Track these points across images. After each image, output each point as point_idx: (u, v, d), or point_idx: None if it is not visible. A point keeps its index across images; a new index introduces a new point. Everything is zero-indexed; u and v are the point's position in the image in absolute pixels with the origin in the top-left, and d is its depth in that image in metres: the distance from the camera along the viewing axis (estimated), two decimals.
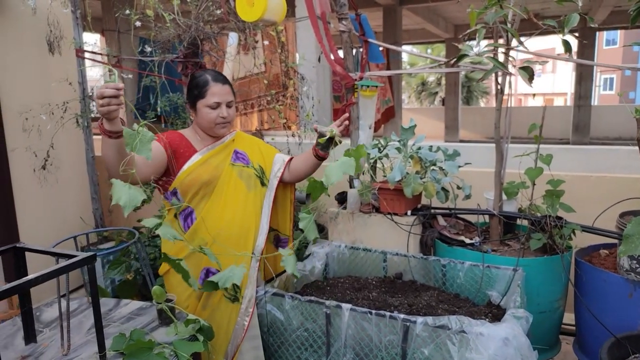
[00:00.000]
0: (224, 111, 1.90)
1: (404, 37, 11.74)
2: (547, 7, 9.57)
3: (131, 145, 1.35)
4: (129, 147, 1.35)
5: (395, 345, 1.71)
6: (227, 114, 1.91)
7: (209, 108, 1.88)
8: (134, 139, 1.35)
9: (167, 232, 1.51)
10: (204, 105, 1.89)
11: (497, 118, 2.42)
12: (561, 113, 13.14)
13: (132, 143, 1.35)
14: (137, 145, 1.35)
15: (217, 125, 1.91)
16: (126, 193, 1.33)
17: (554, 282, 2.30)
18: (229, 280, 1.62)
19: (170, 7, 2.94)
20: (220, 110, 1.90)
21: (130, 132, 1.36)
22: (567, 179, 2.51)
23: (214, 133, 1.95)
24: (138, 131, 1.36)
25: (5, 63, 3.21)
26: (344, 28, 2.66)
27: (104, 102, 1.43)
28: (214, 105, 1.88)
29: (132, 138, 1.36)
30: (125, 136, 1.36)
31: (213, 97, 1.88)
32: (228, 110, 1.92)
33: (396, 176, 2.41)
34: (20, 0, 3.19)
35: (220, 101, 1.89)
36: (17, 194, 3.32)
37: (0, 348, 1.48)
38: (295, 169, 2.09)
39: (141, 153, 1.35)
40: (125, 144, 1.36)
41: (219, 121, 1.91)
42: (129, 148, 1.35)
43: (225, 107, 1.91)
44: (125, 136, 1.36)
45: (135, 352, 1.38)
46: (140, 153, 1.35)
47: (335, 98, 7.04)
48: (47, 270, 1.24)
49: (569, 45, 2.00)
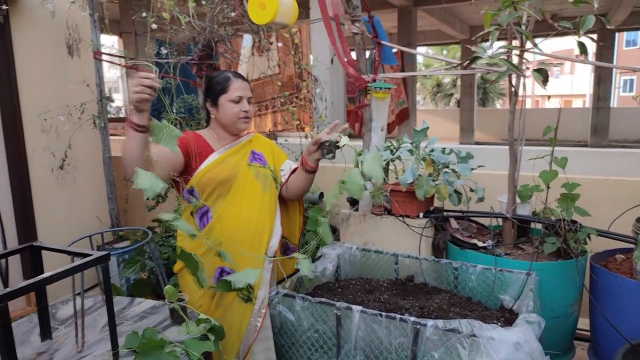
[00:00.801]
0: (246, 105, 1.96)
1: (419, 38, 11.69)
2: (565, 7, 9.44)
3: (158, 137, 1.42)
4: (155, 139, 1.42)
5: (405, 347, 1.71)
6: (249, 108, 1.97)
7: (232, 102, 1.94)
8: (162, 131, 1.42)
9: (184, 226, 1.54)
10: (227, 100, 1.94)
11: (510, 120, 2.39)
12: (579, 115, 12.96)
13: (160, 135, 1.42)
14: (164, 137, 1.42)
15: (240, 119, 1.96)
16: (148, 179, 1.39)
17: (568, 286, 2.27)
18: (242, 281, 1.63)
19: (185, 10, 2.98)
20: (243, 105, 1.95)
21: (159, 125, 1.43)
22: (583, 182, 2.47)
23: (235, 128, 1.98)
24: (166, 125, 1.43)
25: (25, 65, 3.28)
26: (357, 30, 2.66)
27: (138, 89, 1.49)
28: (237, 99, 1.94)
29: (160, 130, 1.42)
30: (154, 128, 1.42)
31: (236, 91, 1.94)
32: (249, 106, 1.98)
33: (408, 178, 2.40)
34: (39, 3, 3.25)
35: (243, 95, 1.95)
36: (35, 194, 3.39)
37: (17, 344, 1.51)
38: (291, 186, 2.09)
39: (167, 146, 1.42)
40: (152, 134, 1.43)
41: (241, 115, 1.95)
42: (156, 139, 1.42)
43: (246, 101, 1.97)
44: (153, 128, 1.43)
45: (147, 350, 1.40)
46: (166, 145, 1.42)
47: (350, 99, 7.04)
48: (62, 268, 1.27)
49: (585, 47, 1.98)
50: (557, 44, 20.41)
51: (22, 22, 3.26)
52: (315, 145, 1.93)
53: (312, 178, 2.04)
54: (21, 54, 3.25)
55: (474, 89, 13.33)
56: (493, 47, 2.10)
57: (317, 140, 1.91)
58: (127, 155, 1.64)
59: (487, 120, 14.80)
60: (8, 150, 3.21)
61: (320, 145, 1.92)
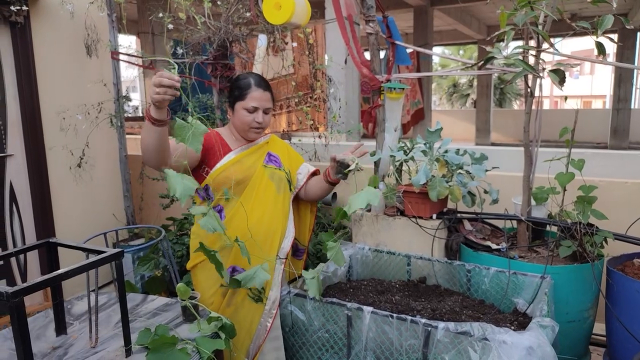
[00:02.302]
0: (260, 117, 1.93)
1: (435, 38, 11.61)
2: (585, 7, 9.28)
3: (182, 137, 1.38)
4: (179, 139, 1.39)
5: (416, 349, 1.70)
6: (263, 119, 1.94)
7: (246, 111, 1.92)
8: (187, 131, 1.38)
9: (208, 223, 1.54)
10: (241, 107, 1.93)
11: (526, 121, 2.36)
12: (599, 116, 12.73)
13: (184, 135, 1.38)
14: (189, 137, 1.38)
15: (251, 129, 1.95)
16: (180, 184, 1.37)
17: (584, 291, 2.24)
18: (251, 282, 1.65)
19: (201, 10, 3.00)
20: (257, 115, 1.93)
21: (183, 124, 1.39)
22: (600, 184, 2.43)
23: (246, 136, 1.98)
24: (191, 124, 1.39)
25: (44, 65, 3.34)
26: (371, 30, 2.66)
27: (160, 91, 1.49)
28: (251, 109, 1.92)
29: (184, 130, 1.38)
30: (177, 128, 1.38)
31: (252, 101, 1.91)
32: (264, 117, 1.95)
33: (421, 179, 2.39)
34: (59, 4, 3.32)
35: (258, 106, 1.92)
36: (53, 191, 3.45)
37: (33, 338, 1.55)
38: (310, 192, 2.12)
39: (192, 145, 1.39)
40: (176, 136, 1.39)
41: (253, 125, 1.93)
42: (179, 139, 1.39)
43: (261, 112, 1.94)
44: (176, 128, 1.38)
45: (159, 347, 1.42)
46: (191, 145, 1.39)
47: (365, 99, 7.02)
48: (77, 265, 1.30)
49: (603, 48, 1.94)
50: (577, 44, 20.08)
51: (42, 23, 3.32)
52: (333, 162, 1.96)
53: (332, 188, 2.08)
54: (41, 54, 3.32)
55: (490, 89, 13.19)
56: (509, 47, 2.07)
57: (333, 157, 1.95)
58: (144, 145, 1.66)
59: (504, 121, 14.62)
60: (27, 148, 3.28)
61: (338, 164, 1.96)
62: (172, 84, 1.49)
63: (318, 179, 2.10)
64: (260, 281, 1.67)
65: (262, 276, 1.67)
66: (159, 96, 1.49)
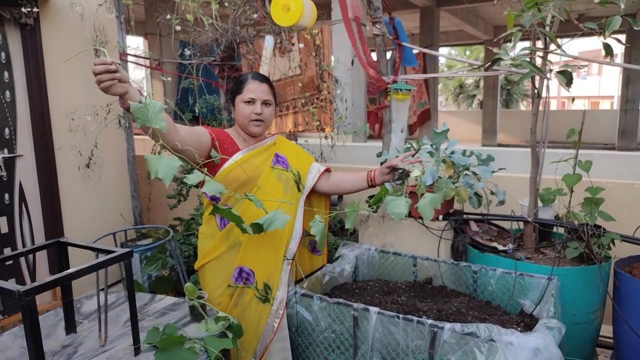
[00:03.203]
0: (258, 108, 1.95)
1: (441, 38, 11.58)
2: (593, 7, 9.23)
3: (143, 119, 1.24)
4: (139, 123, 1.26)
5: (422, 350, 1.70)
6: (262, 111, 1.95)
7: (245, 103, 1.95)
8: (146, 112, 1.25)
9: (213, 187, 1.43)
10: (240, 101, 1.96)
11: (533, 122, 2.36)
12: (607, 117, 12.63)
13: (145, 117, 1.24)
14: (151, 118, 1.24)
15: (251, 122, 1.96)
16: (161, 164, 1.23)
17: (591, 293, 2.23)
18: (273, 225, 1.60)
19: (209, 12, 3.02)
20: (255, 107, 1.95)
21: (138, 106, 1.25)
22: (607, 186, 2.42)
23: (248, 130, 1.99)
24: (146, 104, 1.26)
25: (54, 66, 3.38)
26: (378, 32, 2.66)
27: (96, 80, 1.40)
28: (249, 100, 1.94)
29: (141, 112, 1.24)
30: (135, 111, 1.24)
31: (249, 92, 1.94)
32: (263, 108, 1.96)
33: (428, 180, 2.39)
34: (68, 6, 3.35)
35: (255, 97, 1.95)
36: (62, 191, 3.49)
37: (43, 337, 1.56)
38: (340, 185, 2.15)
39: (155, 125, 1.25)
40: (136, 119, 1.26)
41: (252, 117, 1.95)
42: (140, 123, 1.26)
43: (260, 104, 1.95)
44: (134, 112, 1.25)
45: (168, 345, 1.43)
46: (156, 125, 1.25)
47: (371, 100, 7.02)
48: (87, 264, 1.31)
49: (610, 49, 1.94)
50: (585, 44, 19.95)
51: (52, 25, 3.36)
52: (388, 169, 2.00)
53: (367, 188, 2.12)
54: (50, 55, 3.35)
55: (497, 90, 13.12)
56: (516, 48, 2.07)
57: (392, 165, 1.98)
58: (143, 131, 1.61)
59: (510, 122, 14.55)
60: (37, 148, 3.31)
61: (393, 171, 1.99)
62: (105, 69, 1.37)
63: (358, 179, 2.12)
64: (282, 223, 1.61)
65: (282, 218, 1.62)
66: (103, 85, 1.40)
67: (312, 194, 2.15)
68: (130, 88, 1.45)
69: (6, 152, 3.15)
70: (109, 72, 1.39)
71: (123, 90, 1.43)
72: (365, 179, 2.08)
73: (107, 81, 1.39)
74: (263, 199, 1.95)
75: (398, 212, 1.73)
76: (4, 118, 3.13)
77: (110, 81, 1.40)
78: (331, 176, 2.17)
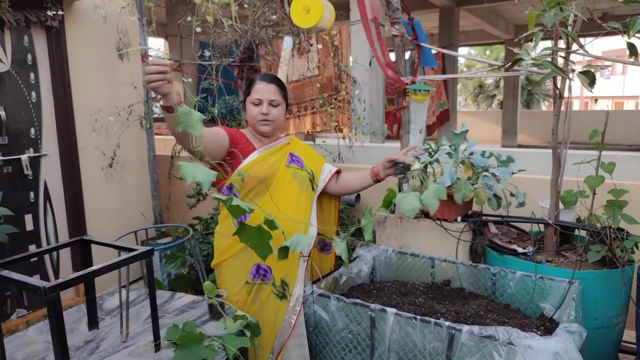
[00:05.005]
0: (265, 108, 1.98)
1: (461, 38, 11.47)
2: (617, 6, 9.03)
3: (186, 123, 1.37)
4: (181, 127, 1.38)
5: (439, 352, 1.69)
6: (268, 111, 1.98)
7: (252, 104, 2.00)
8: (191, 117, 1.39)
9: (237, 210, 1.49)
10: (249, 102, 2.02)
11: (554, 123, 2.33)
12: (632, 117, 12.35)
13: (188, 121, 1.38)
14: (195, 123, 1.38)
15: (259, 122, 2.00)
16: (199, 170, 1.35)
17: (614, 297, 2.19)
18: (299, 245, 1.62)
19: (228, 13, 3.06)
20: (261, 107, 1.98)
21: (184, 110, 1.39)
22: (631, 188, 2.37)
23: (257, 130, 2.03)
24: (190, 111, 1.40)
25: (78, 68, 3.46)
26: (397, 32, 2.66)
27: (146, 79, 1.52)
28: (256, 101, 1.99)
29: (186, 117, 1.39)
30: (180, 115, 1.38)
31: (256, 93, 1.99)
32: (270, 109, 1.99)
33: (446, 181, 2.37)
34: (92, 9, 3.42)
35: (262, 98, 1.98)
36: (85, 190, 3.56)
37: (67, 332, 1.60)
38: (347, 185, 2.19)
39: (196, 132, 1.38)
40: (179, 123, 1.38)
41: (259, 118, 1.99)
42: (182, 127, 1.38)
43: (266, 104, 1.99)
44: (179, 115, 1.38)
45: (187, 343, 1.46)
46: (195, 132, 1.38)
47: (389, 101, 6.99)
48: (110, 262, 1.34)
49: (635, 49, 1.89)
50: (609, 43, 19.51)
51: (76, 27, 3.44)
52: (389, 163, 2.03)
53: (373, 184, 2.15)
54: (75, 57, 3.43)
55: (517, 90, 12.93)
56: (537, 48, 2.04)
57: (393, 159, 2.01)
58: (171, 132, 1.72)
59: (531, 122, 14.32)
60: (61, 148, 3.39)
61: (394, 165, 2.01)
62: (160, 69, 1.49)
63: (360, 176, 2.16)
64: (308, 243, 1.65)
65: (306, 239, 1.64)
66: (152, 84, 1.50)
67: (322, 195, 2.18)
68: (172, 89, 1.56)
69: (32, 152, 3.24)
70: (161, 73, 1.49)
71: (168, 90, 1.54)
72: (369, 175, 2.11)
73: (158, 81, 1.50)
74: (278, 199, 1.97)
75: (411, 209, 1.71)
76: (30, 118, 3.22)
77: (161, 81, 1.51)
78: (339, 178, 2.21)
